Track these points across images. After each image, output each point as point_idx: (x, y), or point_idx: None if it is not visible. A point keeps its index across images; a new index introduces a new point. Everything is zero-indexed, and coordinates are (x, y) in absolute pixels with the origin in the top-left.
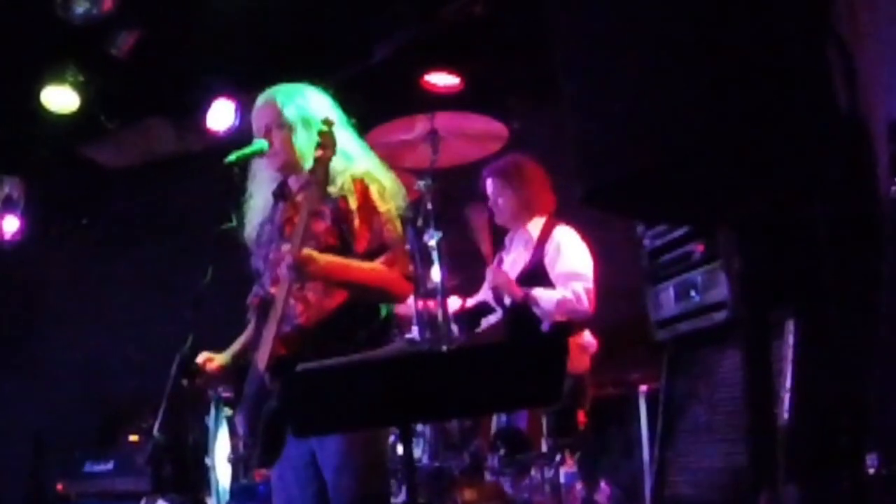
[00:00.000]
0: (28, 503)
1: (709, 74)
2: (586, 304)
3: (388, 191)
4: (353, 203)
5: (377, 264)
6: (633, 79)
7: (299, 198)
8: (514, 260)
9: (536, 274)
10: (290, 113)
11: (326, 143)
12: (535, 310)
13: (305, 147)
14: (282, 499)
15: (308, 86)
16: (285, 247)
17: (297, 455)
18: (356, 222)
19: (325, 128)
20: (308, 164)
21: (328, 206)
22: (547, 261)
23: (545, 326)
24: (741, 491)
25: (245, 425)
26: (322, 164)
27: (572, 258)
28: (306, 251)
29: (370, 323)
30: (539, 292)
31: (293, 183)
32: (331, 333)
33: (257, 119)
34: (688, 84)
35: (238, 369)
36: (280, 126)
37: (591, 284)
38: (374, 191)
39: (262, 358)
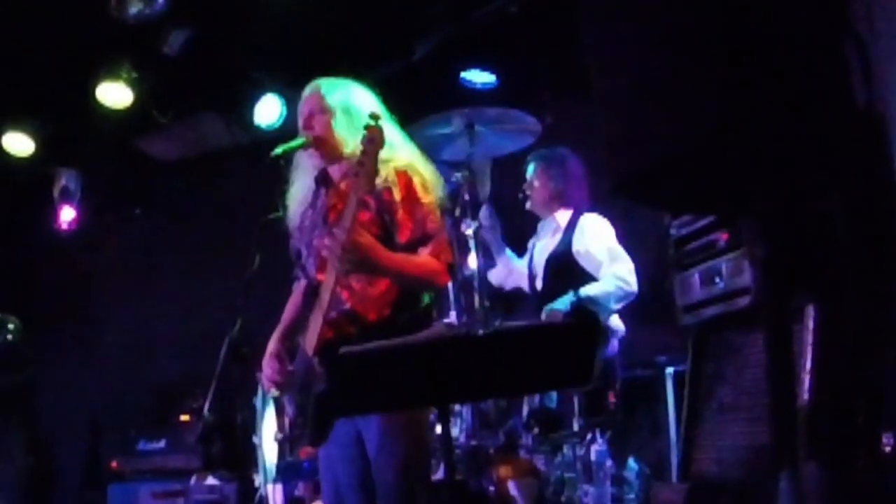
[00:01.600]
0: (85, 480)
1: (732, 72)
2: (634, 283)
3: (429, 182)
4: (396, 194)
5: (421, 255)
6: (659, 75)
7: (343, 185)
8: (543, 247)
9: (564, 260)
10: (332, 100)
11: (374, 135)
12: (593, 307)
13: (345, 134)
14: (328, 476)
15: (352, 81)
16: (337, 232)
17: (343, 434)
18: (400, 213)
19: (372, 121)
20: (347, 151)
21: (372, 198)
22: (575, 248)
23: (604, 318)
24: (763, 468)
25: (293, 406)
26: (371, 155)
27: (605, 240)
28: (356, 238)
29: (412, 310)
30: (591, 290)
31: (334, 171)
32: (375, 320)
33: (302, 107)
34: (712, 81)
35: (286, 352)
36: (322, 111)
37: (631, 262)
38: (417, 183)
39: (309, 342)
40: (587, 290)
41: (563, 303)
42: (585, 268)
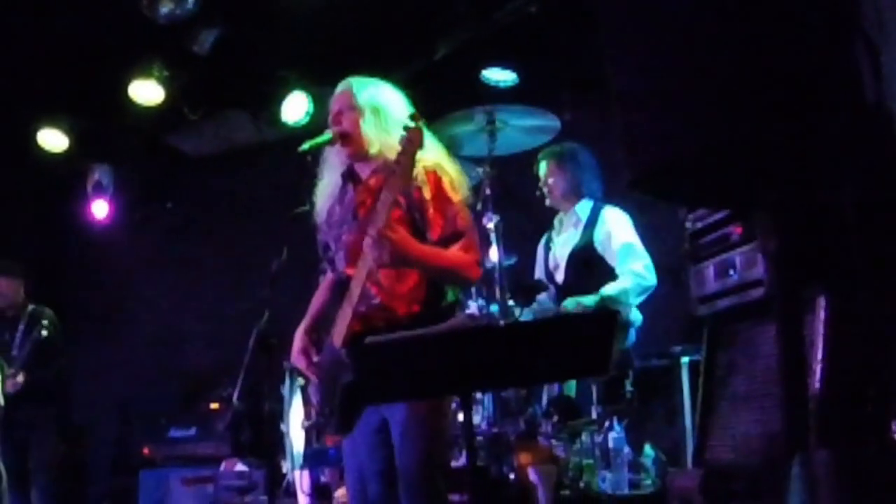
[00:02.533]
0: (117, 466)
1: (746, 71)
2: (652, 277)
3: (457, 182)
4: (426, 193)
5: (453, 250)
6: (675, 74)
7: (371, 182)
8: (565, 240)
9: (586, 254)
10: (362, 99)
11: (414, 136)
12: (614, 305)
13: (372, 133)
14: (353, 462)
15: (383, 81)
16: (371, 230)
17: (368, 422)
18: (430, 211)
19: (412, 122)
20: (373, 150)
21: (403, 196)
22: (597, 242)
23: (631, 315)
24: (776, 454)
25: (319, 396)
26: (408, 155)
27: (625, 234)
28: (390, 234)
29: (439, 305)
30: (610, 290)
31: (361, 168)
32: (403, 314)
33: (332, 104)
34: (726, 80)
35: (313, 344)
36: (351, 109)
37: (647, 258)
38: (446, 182)
39: (338, 334)
40: (608, 290)
41: (591, 300)
42: (608, 260)
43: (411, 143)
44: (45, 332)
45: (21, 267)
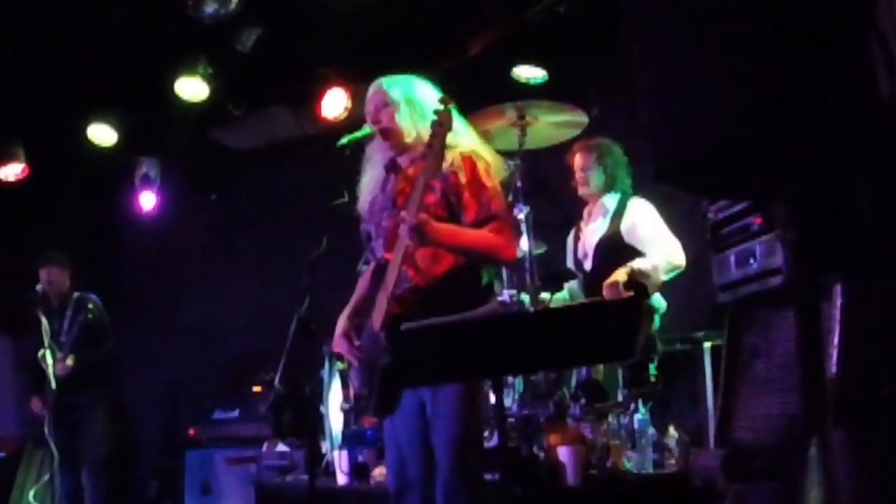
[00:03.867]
0: (164, 446)
1: (765, 68)
2: (681, 258)
3: (493, 167)
4: (462, 178)
5: (485, 231)
6: (698, 70)
7: (410, 171)
8: (592, 230)
9: (613, 242)
10: (394, 94)
11: (443, 119)
12: (645, 281)
13: (408, 124)
14: (392, 443)
15: (413, 75)
16: (403, 213)
17: (407, 405)
18: (465, 195)
19: (441, 105)
20: (410, 140)
21: (439, 181)
22: (624, 231)
23: (657, 302)
24: (795, 435)
25: (359, 379)
26: (439, 138)
27: (652, 223)
28: (422, 216)
29: (474, 287)
30: (641, 264)
31: (402, 160)
32: (438, 296)
33: (368, 105)
34: (747, 76)
35: (354, 329)
36: (386, 105)
37: (677, 241)
38: (481, 167)
39: (377, 318)
40: (637, 264)
41: (623, 273)
42: (636, 247)
43: (441, 126)
44: (90, 316)
45: (66, 257)
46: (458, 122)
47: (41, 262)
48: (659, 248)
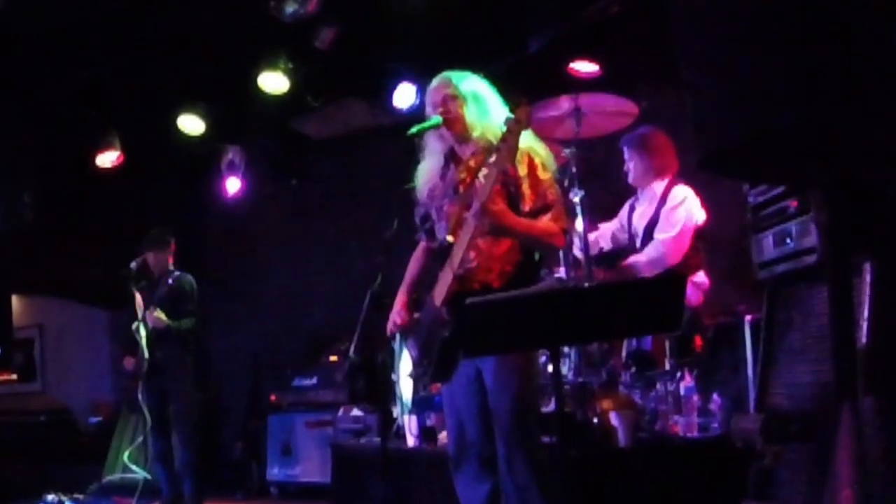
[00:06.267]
0: (248, 411)
1: (802, 62)
2: (670, 254)
3: (547, 162)
4: (521, 171)
5: (543, 220)
6: (739, 64)
7: (471, 162)
8: (642, 213)
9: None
10: (465, 88)
11: (521, 116)
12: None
13: (475, 119)
14: (451, 408)
15: (477, 75)
16: (475, 200)
17: (465, 373)
18: (524, 186)
19: (520, 104)
20: (476, 134)
21: (501, 173)
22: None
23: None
24: (828, 401)
25: (417, 349)
26: (515, 133)
27: (671, 212)
28: (494, 204)
29: (528, 266)
30: (629, 260)
31: (462, 150)
32: (497, 274)
33: (433, 95)
34: (785, 70)
35: (412, 302)
36: (454, 98)
37: (675, 232)
38: (537, 162)
39: (438, 294)
40: (633, 261)
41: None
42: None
43: (518, 122)
44: (180, 285)
45: (169, 239)
46: None
47: (145, 245)
48: (657, 233)
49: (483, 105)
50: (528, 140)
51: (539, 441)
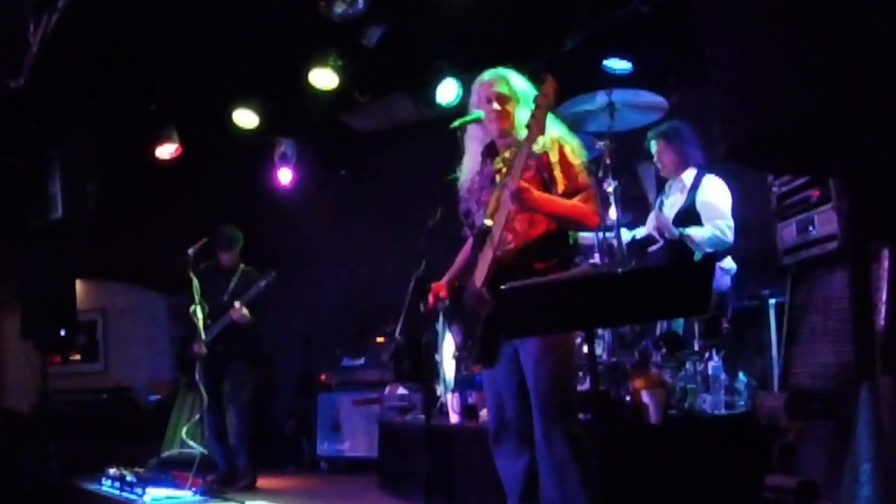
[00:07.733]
0: (299, 390)
1: (825, 61)
2: (730, 237)
3: (577, 149)
4: (553, 157)
5: (574, 200)
6: (765, 61)
7: (507, 155)
8: (672, 203)
9: (690, 214)
10: (514, 86)
11: (547, 90)
12: (690, 244)
13: (522, 115)
14: (491, 388)
15: (515, 70)
16: (507, 180)
17: (504, 353)
18: (556, 171)
19: (547, 81)
20: (519, 133)
21: (534, 160)
22: (699, 204)
23: (697, 256)
24: (848, 380)
25: (460, 332)
26: (542, 108)
27: (716, 200)
28: (524, 183)
29: (563, 248)
30: (692, 231)
31: (501, 145)
32: (534, 256)
33: (485, 89)
34: (809, 68)
35: (455, 289)
36: (504, 94)
37: (731, 221)
38: (567, 149)
39: (479, 276)
40: (688, 230)
41: (676, 232)
42: (703, 220)
43: (546, 96)
44: (262, 283)
45: (240, 236)
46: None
47: (217, 245)
48: (715, 220)
49: (527, 104)
50: (559, 131)
51: (576, 417)
